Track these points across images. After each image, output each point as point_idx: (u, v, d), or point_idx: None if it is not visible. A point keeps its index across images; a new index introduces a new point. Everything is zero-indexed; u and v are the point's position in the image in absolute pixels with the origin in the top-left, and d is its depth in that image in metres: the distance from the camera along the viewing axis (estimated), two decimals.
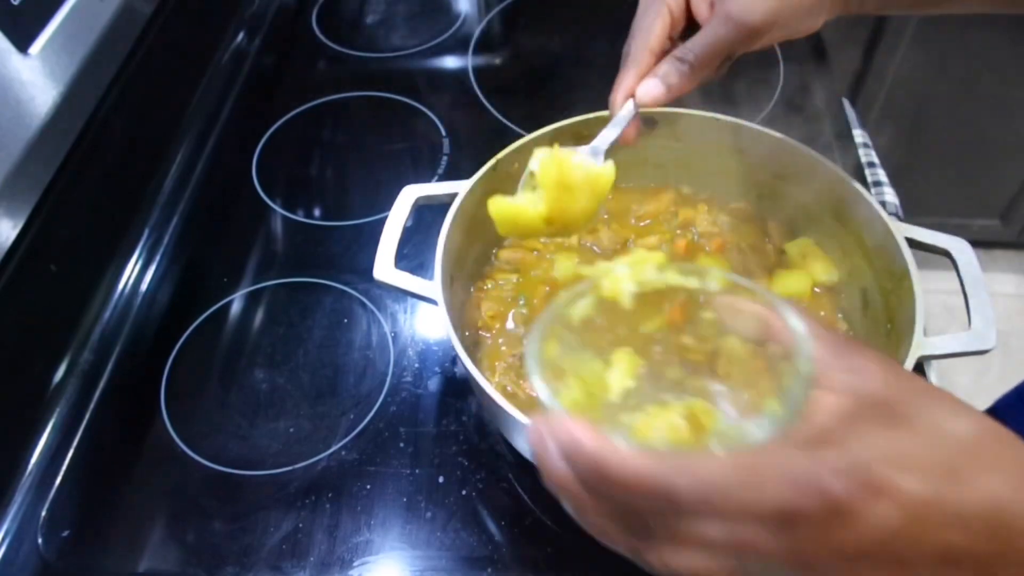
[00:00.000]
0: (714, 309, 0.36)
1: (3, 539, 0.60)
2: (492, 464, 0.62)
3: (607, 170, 0.52)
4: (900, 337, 0.54)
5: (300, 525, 0.59)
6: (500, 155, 0.63)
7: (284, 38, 1.02)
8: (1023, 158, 1.56)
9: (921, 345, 0.51)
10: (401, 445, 0.63)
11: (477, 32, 0.99)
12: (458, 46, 0.98)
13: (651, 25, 0.53)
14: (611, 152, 0.53)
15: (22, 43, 0.63)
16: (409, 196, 0.62)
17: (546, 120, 0.65)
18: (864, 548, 0.27)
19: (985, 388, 1.60)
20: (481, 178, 0.62)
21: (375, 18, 1.03)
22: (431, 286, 0.56)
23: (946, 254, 0.57)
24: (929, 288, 0.55)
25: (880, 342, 0.58)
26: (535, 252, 0.67)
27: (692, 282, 0.36)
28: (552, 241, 0.68)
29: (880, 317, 0.59)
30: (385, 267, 0.58)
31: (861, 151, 0.83)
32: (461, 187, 0.61)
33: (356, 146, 0.88)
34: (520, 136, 0.64)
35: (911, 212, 0.78)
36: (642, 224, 0.69)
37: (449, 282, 0.58)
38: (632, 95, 0.54)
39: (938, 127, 1.50)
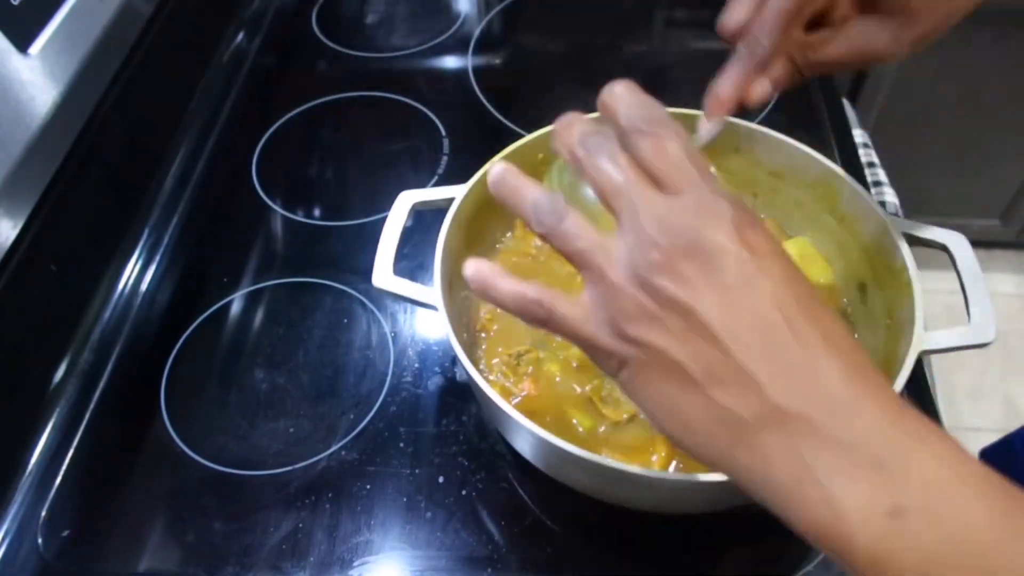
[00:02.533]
0: None
1: (3, 539, 0.60)
2: (492, 464, 0.62)
3: None
4: (900, 332, 0.54)
5: (300, 525, 0.59)
6: (496, 158, 0.63)
7: (284, 38, 1.02)
8: (1023, 158, 1.56)
9: (922, 340, 0.51)
10: (401, 445, 0.63)
11: (477, 32, 0.99)
12: (458, 46, 0.98)
13: (788, 6, 0.43)
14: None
15: (22, 43, 0.63)
16: (406, 201, 0.62)
17: (546, 120, 0.65)
18: None
19: (986, 389, 1.61)
20: (478, 182, 0.62)
21: (375, 18, 1.03)
22: (431, 292, 0.56)
23: (943, 249, 0.58)
24: (928, 288, 0.55)
25: (880, 337, 0.58)
26: (531, 257, 0.67)
27: None
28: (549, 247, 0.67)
29: (879, 312, 0.59)
30: (384, 274, 0.58)
31: (861, 151, 0.83)
32: (458, 191, 0.61)
33: (356, 146, 0.88)
34: (520, 136, 0.65)
35: (911, 212, 0.79)
36: None
37: (448, 287, 0.58)
38: (743, 92, 0.46)
39: (938, 127, 1.50)
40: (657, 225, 0.32)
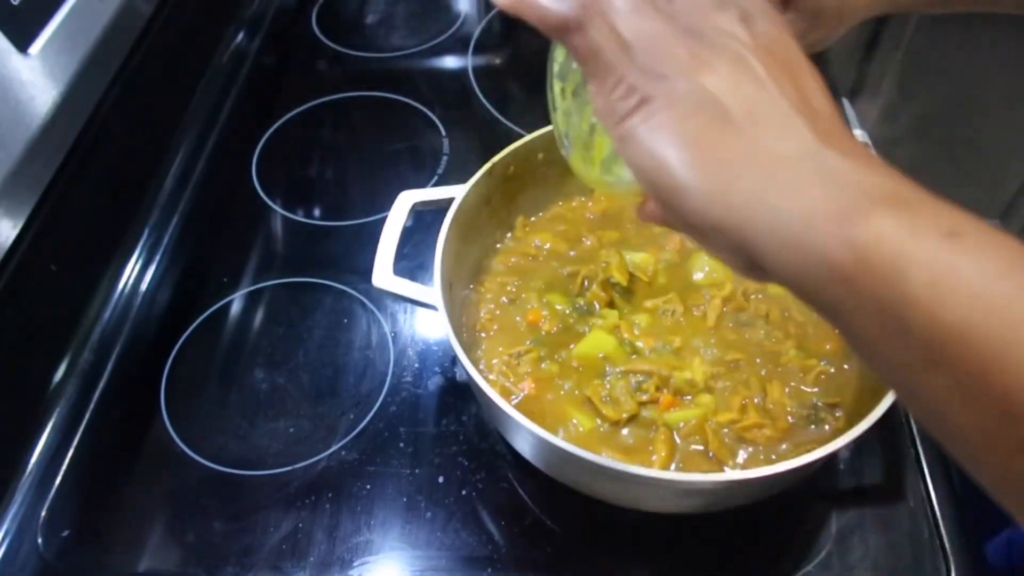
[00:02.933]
0: None
1: (3, 539, 0.60)
2: (492, 464, 0.62)
3: None
4: None
5: (300, 525, 0.59)
6: (495, 159, 0.63)
7: (284, 38, 1.02)
8: (1023, 158, 1.56)
9: None
10: (401, 445, 0.63)
11: (477, 32, 0.99)
12: (458, 46, 0.98)
13: None
14: None
15: (22, 43, 0.63)
16: (406, 202, 0.62)
17: (546, 120, 0.65)
18: None
19: None
20: (477, 182, 0.62)
21: (375, 18, 1.03)
22: (431, 292, 0.56)
23: None
24: None
25: None
26: (530, 257, 0.67)
27: None
28: (548, 247, 0.68)
29: None
30: (384, 274, 0.59)
31: None
32: (457, 191, 0.61)
33: (356, 146, 0.88)
34: (520, 136, 0.65)
35: None
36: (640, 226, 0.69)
37: (448, 287, 0.58)
38: None
39: (938, 127, 1.50)
40: None
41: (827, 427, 0.56)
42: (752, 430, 0.55)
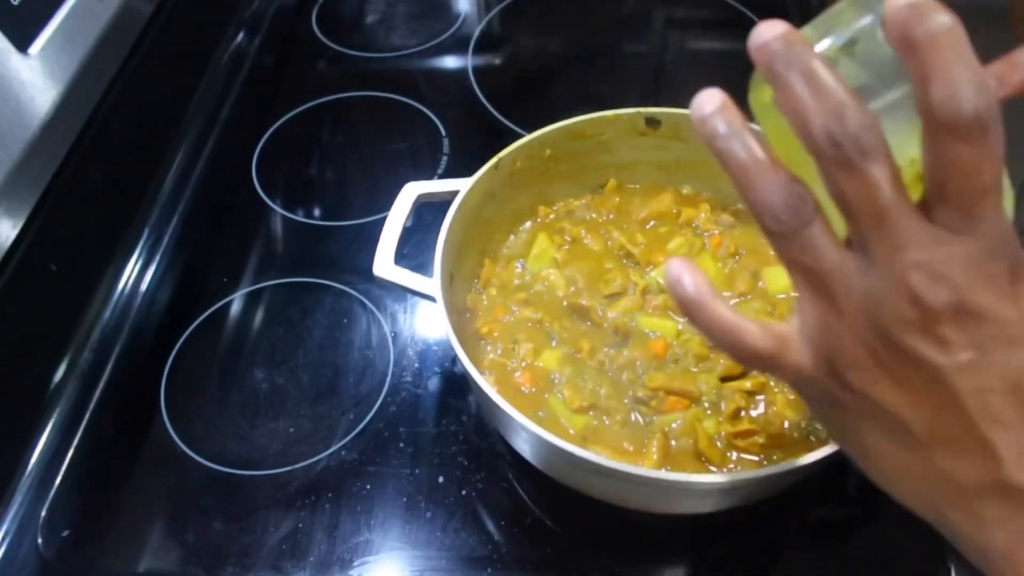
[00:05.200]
0: None
1: (3, 539, 0.60)
2: (492, 464, 0.62)
3: None
4: None
5: (300, 525, 0.59)
6: (502, 153, 0.63)
7: (284, 38, 1.02)
8: (1023, 158, 1.56)
9: None
10: (401, 445, 0.63)
11: (477, 32, 0.99)
12: (458, 46, 0.98)
13: None
14: None
15: (22, 43, 0.63)
16: (411, 193, 0.62)
17: (546, 120, 0.65)
18: None
19: None
20: (483, 176, 0.62)
21: (375, 18, 1.03)
22: (430, 283, 0.56)
23: None
24: None
25: None
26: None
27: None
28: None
29: None
30: (385, 264, 0.59)
31: None
32: (463, 185, 0.61)
33: (356, 146, 0.88)
34: (520, 136, 0.65)
35: None
36: (647, 227, 0.69)
37: (449, 280, 0.58)
38: None
39: None
40: (924, 277, 0.26)
41: (824, 434, 0.56)
42: (748, 436, 0.55)
